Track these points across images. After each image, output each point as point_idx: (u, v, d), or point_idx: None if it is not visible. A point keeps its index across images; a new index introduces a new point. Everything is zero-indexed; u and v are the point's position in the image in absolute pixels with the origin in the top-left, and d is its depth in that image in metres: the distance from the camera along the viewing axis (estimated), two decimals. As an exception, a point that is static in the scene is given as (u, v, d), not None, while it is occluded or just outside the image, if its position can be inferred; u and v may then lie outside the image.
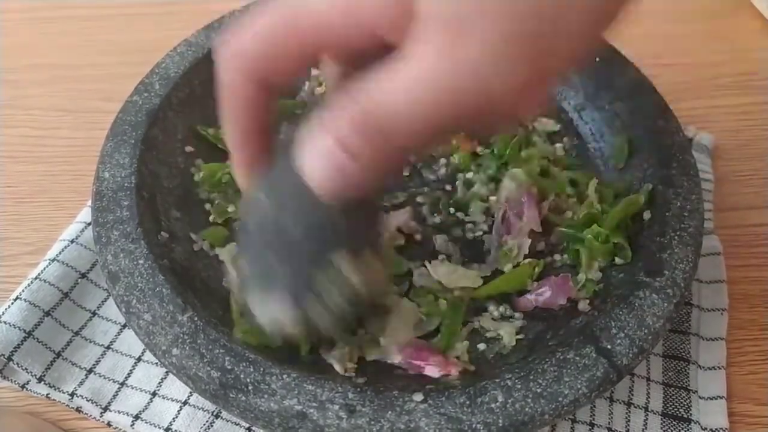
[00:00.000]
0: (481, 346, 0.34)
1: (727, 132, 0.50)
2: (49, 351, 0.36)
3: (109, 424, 0.35)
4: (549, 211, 0.38)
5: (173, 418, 0.34)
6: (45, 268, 0.38)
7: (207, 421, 0.34)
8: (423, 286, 0.36)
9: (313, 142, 0.24)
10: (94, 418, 0.35)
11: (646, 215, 0.36)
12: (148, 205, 0.36)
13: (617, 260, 0.36)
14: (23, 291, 0.37)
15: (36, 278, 0.37)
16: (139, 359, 0.37)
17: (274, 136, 0.29)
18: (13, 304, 0.36)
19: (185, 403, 0.35)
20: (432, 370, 0.32)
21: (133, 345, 0.37)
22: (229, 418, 0.35)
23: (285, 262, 0.28)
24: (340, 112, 0.23)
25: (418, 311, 0.35)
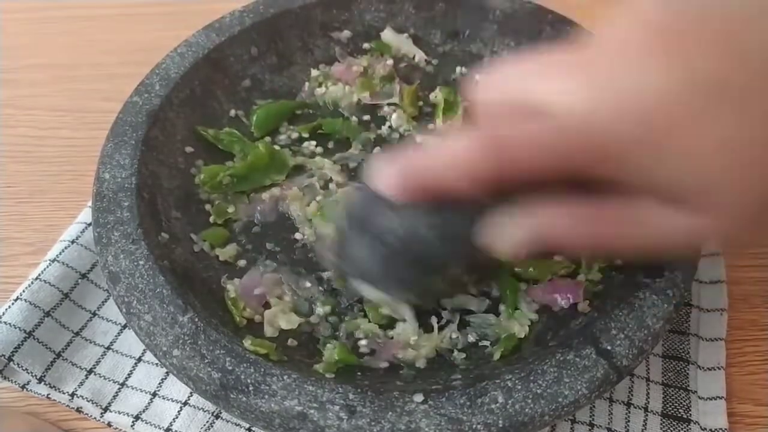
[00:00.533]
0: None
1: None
2: (50, 351, 0.36)
3: (110, 425, 0.35)
4: None
5: (173, 419, 0.34)
6: (45, 269, 0.38)
7: (207, 422, 0.34)
8: None
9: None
10: (95, 418, 0.35)
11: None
12: (148, 206, 0.36)
13: (618, 261, 0.35)
14: (23, 291, 0.37)
15: (36, 279, 0.37)
16: (140, 360, 0.37)
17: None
18: (13, 304, 0.36)
19: (185, 404, 0.35)
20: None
21: (133, 345, 0.37)
22: (229, 418, 0.35)
23: (395, 263, 0.30)
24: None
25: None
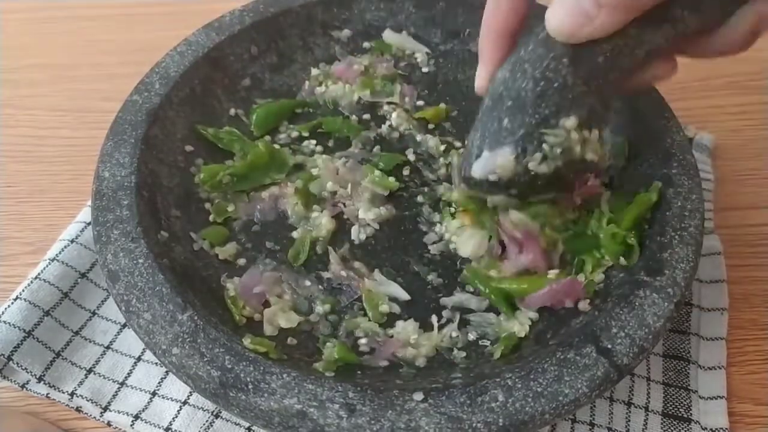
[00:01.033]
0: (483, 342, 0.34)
1: (727, 132, 0.50)
2: (49, 351, 0.36)
3: (109, 424, 0.35)
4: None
5: (173, 418, 0.34)
6: (45, 268, 0.38)
7: (207, 421, 0.34)
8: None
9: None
10: (94, 417, 0.35)
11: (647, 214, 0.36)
12: (148, 205, 0.36)
13: (621, 260, 0.35)
14: (23, 291, 0.37)
15: (36, 278, 0.37)
16: (139, 359, 0.36)
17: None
18: (13, 303, 0.36)
19: (185, 403, 0.35)
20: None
21: (132, 345, 0.37)
22: (228, 417, 0.35)
23: (517, 121, 0.32)
24: None
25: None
